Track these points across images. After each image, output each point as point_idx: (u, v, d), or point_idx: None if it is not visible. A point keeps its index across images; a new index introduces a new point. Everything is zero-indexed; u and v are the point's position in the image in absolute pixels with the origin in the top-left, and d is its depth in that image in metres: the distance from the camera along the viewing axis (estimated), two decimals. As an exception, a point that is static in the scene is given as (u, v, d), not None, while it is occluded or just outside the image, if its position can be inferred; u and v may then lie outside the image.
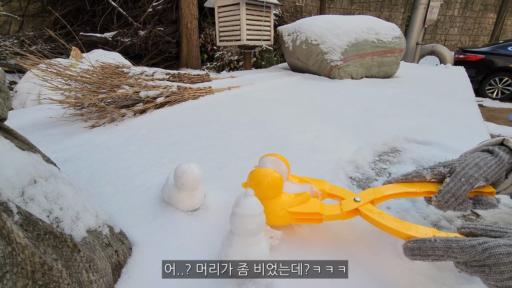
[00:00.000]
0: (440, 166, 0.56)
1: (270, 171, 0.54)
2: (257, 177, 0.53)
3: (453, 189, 0.51)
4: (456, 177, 0.52)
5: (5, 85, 0.49)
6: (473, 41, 12.01)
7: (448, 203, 0.51)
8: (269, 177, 0.53)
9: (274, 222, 0.54)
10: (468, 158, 0.55)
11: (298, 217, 0.54)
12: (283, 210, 0.53)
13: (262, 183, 0.52)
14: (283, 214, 0.53)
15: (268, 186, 0.52)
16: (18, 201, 0.37)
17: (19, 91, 2.43)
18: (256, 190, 0.51)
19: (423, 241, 0.42)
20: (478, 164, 0.52)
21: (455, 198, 0.51)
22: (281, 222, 0.54)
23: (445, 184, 0.52)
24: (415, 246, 0.42)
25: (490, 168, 0.52)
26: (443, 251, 0.40)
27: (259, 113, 1.38)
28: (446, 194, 0.51)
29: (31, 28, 6.01)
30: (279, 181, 0.53)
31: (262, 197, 0.52)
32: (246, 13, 3.22)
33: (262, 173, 0.53)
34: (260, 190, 0.52)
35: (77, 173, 0.82)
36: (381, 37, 2.46)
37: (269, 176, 0.53)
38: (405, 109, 1.47)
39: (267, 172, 0.53)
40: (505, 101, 5.50)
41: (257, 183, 0.53)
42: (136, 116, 1.30)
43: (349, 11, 10.31)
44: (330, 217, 0.53)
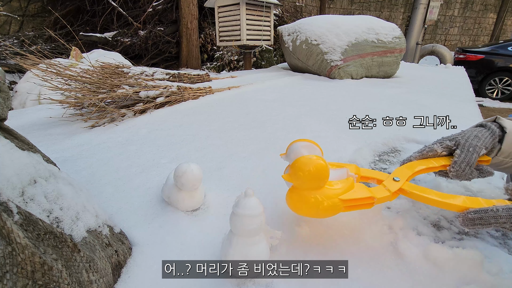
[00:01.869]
0: (446, 140, 0.63)
1: (318, 159, 0.48)
2: (307, 166, 0.46)
3: (466, 158, 0.57)
4: (464, 148, 0.59)
5: (5, 85, 0.49)
6: (473, 41, 12.01)
7: (465, 171, 0.58)
8: (319, 166, 0.47)
9: (326, 213, 0.49)
10: (468, 132, 0.62)
11: (350, 204, 0.49)
12: (335, 199, 0.48)
13: (314, 172, 0.46)
14: (335, 203, 0.48)
15: (320, 175, 0.47)
16: (18, 201, 0.37)
17: (19, 91, 2.43)
18: (304, 181, 0.46)
19: (484, 210, 0.45)
20: (477, 136, 0.60)
21: (469, 166, 0.57)
22: (333, 212, 0.49)
23: (457, 155, 0.59)
24: (476, 216, 0.46)
25: (487, 138, 0.60)
26: (506, 219, 0.44)
27: (259, 113, 1.37)
28: (462, 163, 0.57)
29: (31, 28, 6.01)
30: (327, 169, 0.48)
31: (311, 187, 0.47)
32: (246, 13, 3.22)
33: (312, 162, 0.47)
34: (311, 180, 0.47)
35: (77, 173, 0.82)
36: (381, 37, 2.46)
37: (319, 164, 0.47)
38: (405, 109, 1.47)
39: (312, 161, 0.47)
40: (505, 101, 5.50)
41: (308, 173, 0.46)
42: (136, 116, 1.29)
43: (349, 11, 10.31)
44: (380, 199, 0.51)
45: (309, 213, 0.50)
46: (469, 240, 0.57)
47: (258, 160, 0.90)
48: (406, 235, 0.55)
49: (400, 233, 0.56)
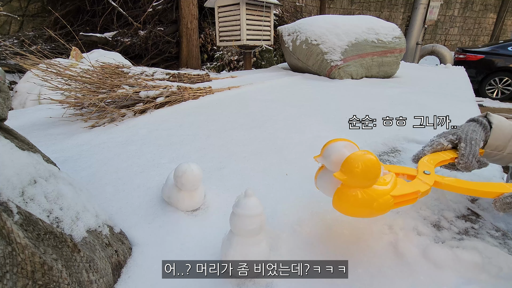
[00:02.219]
0: (449, 134, 0.68)
1: (370, 154, 0.46)
2: (355, 163, 0.44)
3: (472, 151, 0.62)
4: (467, 141, 0.63)
5: (5, 85, 0.49)
6: (473, 41, 12.01)
7: (472, 163, 0.62)
8: (374, 161, 0.45)
9: (378, 211, 0.47)
10: (465, 127, 0.67)
11: (400, 200, 0.49)
12: (387, 196, 0.46)
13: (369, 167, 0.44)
14: (387, 200, 0.46)
15: (375, 171, 0.45)
16: (18, 201, 0.37)
17: (19, 91, 2.43)
18: (359, 178, 0.44)
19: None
20: (474, 130, 0.65)
21: (474, 157, 0.62)
22: (386, 209, 0.47)
23: (463, 148, 0.63)
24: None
25: (481, 132, 0.65)
26: None
27: (259, 113, 1.37)
28: (469, 155, 0.62)
29: (31, 28, 6.01)
30: (379, 165, 0.45)
31: (365, 185, 0.45)
32: (246, 13, 3.22)
33: (366, 158, 0.45)
34: (366, 176, 0.45)
35: (77, 173, 0.82)
36: (381, 37, 2.46)
37: (373, 159, 0.45)
38: (405, 109, 1.47)
39: (365, 157, 0.45)
40: (505, 101, 5.50)
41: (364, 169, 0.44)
42: (136, 116, 1.29)
43: (349, 11, 10.30)
44: (423, 193, 0.52)
45: (361, 212, 0.47)
46: (469, 240, 0.57)
47: (258, 160, 0.90)
48: (406, 235, 0.55)
49: (400, 233, 0.56)
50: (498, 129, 0.65)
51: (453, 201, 0.70)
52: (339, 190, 0.47)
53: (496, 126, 0.65)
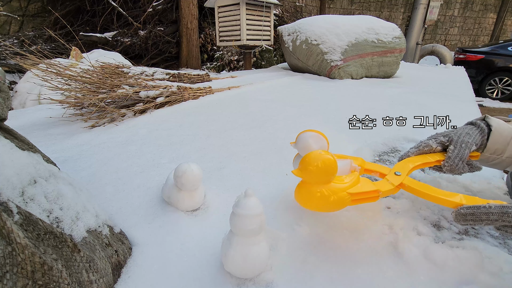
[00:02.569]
0: (440, 136, 0.67)
1: (326, 154, 0.48)
2: (316, 161, 0.47)
3: (459, 153, 0.61)
4: (457, 144, 0.62)
5: (5, 85, 0.49)
6: (473, 41, 12.00)
7: (458, 166, 0.61)
8: (328, 161, 0.47)
9: (334, 207, 0.49)
10: (460, 129, 0.67)
11: (358, 198, 0.50)
12: (343, 193, 0.49)
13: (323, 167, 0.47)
14: (343, 197, 0.49)
15: (329, 170, 0.47)
16: (18, 201, 0.37)
17: (19, 91, 2.43)
18: (313, 176, 0.47)
19: (477, 207, 0.46)
20: (468, 133, 0.64)
21: (461, 161, 0.61)
22: (341, 205, 0.49)
23: (450, 151, 0.62)
24: (468, 212, 0.47)
25: (476, 135, 0.64)
26: (498, 216, 0.44)
27: (259, 113, 1.37)
28: (455, 158, 0.61)
29: (31, 28, 6.01)
30: (336, 163, 0.48)
31: (320, 182, 0.48)
32: (246, 13, 3.22)
33: (321, 157, 0.47)
34: (320, 175, 0.47)
35: (77, 173, 0.82)
36: (381, 37, 2.46)
37: (327, 159, 0.47)
38: (405, 109, 1.47)
39: (321, 156, 0.48)
40: (505, 101, 5.50)
41: (318, 168, 0.47)
42: (136, 116, 1.29)
43: (349, 11, 10.30)
44: (385, 192, 0.53)
45: (317, 207, 0.50)
46: (469, 240, 0.57)
47: (258, 160, 0.90)
48: (406, 235, 0.55)
49: (400, 233, 0.56)
50: (497, 132, 0.64)
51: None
52: (299, 186, 0.52)
53: (495, 129, 0.64)
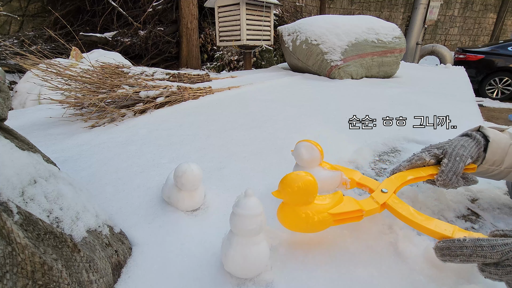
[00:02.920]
0: (434, 148, 0.64)
1: (306, 175, 0.48)
2: (295, 182, 0.47)
3: (453, 167, 0.59)
4: (451, 157, 0.60)
5: (5, 85, 0.49)
6: (473, 41, 12.01)
7: (452, 180, 0.59)
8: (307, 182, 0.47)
9: (315, 228, 0.49)
10: (454, 141, 0.64)
11: (340, 218, 0.50)
12: (324, 213, 0.48)
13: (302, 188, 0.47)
14: (325, 218, 0.48)
15: (308, 191, 0.47)
16: (18, 201, 0.37)
17: (19, 91, 2.43)
18: (293, 197, 0.48)
19: (452, 240, 0.42)
20: (464, 145, 0.61)
21: (455, 175, 0.58)
22: (323, 226, 0.49)
23: (444, 164, 0.60)
24: (444, 245, 0.43)
25: (472, 148, 0.61)
26: (472, 250, 0.39)
27: (259, 113, 1.37)
28: (449, 173, 0.58)
29: (31, 28, 6.01)
30: (314, 184, 0.48)
31: (300, 203, 0.48)
32: (246, 13, 3.22)
33: (301, 178, 0.48)
34: (300, 196, 0.48)
35: (77, 173, 0.82)
36: (381, 37, 2.46)
37: (303, 180, 0.47)
38: (405, 109, 1.47)
39: (300, 177, 0.48)
40: (505, 101, 5.50)
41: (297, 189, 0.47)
42: (136, 116, 1.29)
43: (349, 11, 10.30)
44: (368, 212, 0.51)
45: (299, 228, 0.50)
46: (469, 240, 0.56)
47: (258, 160, 0.90)
48: (406, 235, 0.55)
49: (400, 233, 0.56)
50: (495, 143, 0.61)
51: (453, 201, 0.70)
52: (280, 207, 0.52)
53: (493, 140, 0.61)
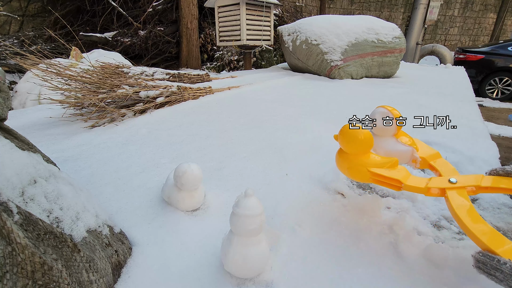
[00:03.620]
0: None
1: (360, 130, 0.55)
2: (345, 133, 0.56)
3: None
4: None
5: (5, 85, 0.49)
6: (473, 41, 12.01)
7: None
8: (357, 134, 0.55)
9: (354, 177, 0.57)
10: None
11: (378, 179, 0.54)
12: (364, 168, 0.54)
13: (350, 138, 0.55)
14: (364, 172, 0.54)
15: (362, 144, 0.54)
16: (18, 201, 0.37)
17: (19, 91, 2.43)
18: (345, 145, 0.56)
19: (491, 258, 0.40)
20: None
21: None
22: (361, 178, 0.56)
23: None
24: (481, 259, 0.41)
25: None
26: (505, 276, 0.38)
27: (259, 113, 1.37)
28: None
29: (31, 28, 6.01)
30: (367, 139, 0.55)
31: (354, 152, 0.56)
32: (246, 13, 3.22)
33: (350, 131, 0.56)
34: (349, 145, 0.56)
35: (77, 173, 0.82)
36: (381, 37, 2.46)
37: (357, 133, 0.55)
38: (405, 109, 1.47)
39: (355, 130, 0.55)
40: (505, 101, 5.49)
41: (345, 138, 0.56)
42: (136, 116, 1.29)
43: (349, 11, 10.30)
44: (411, 188, 0.52)
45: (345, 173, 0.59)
46: (469, 240, 0.56)
47: (258, 160, 0.90)
48: (406, 235, 0.55)
49: (400, 233, 0.56)
50: None
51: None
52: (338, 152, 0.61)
53: None
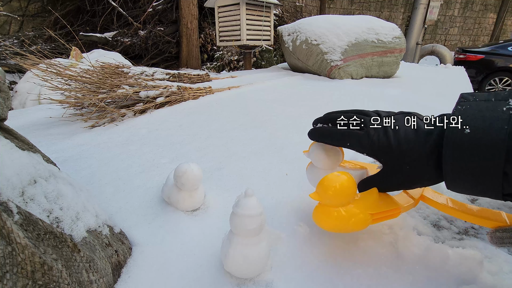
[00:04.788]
0: None
1: (344, 175, 0.47)
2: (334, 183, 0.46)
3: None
4: None
5: (5, 85, 0.49)
6: (473, 41, 12.01)
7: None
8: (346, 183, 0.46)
9: (355, 228, 0.47)
10: None
11: (379, 217, 0.48)
12: (365, 213, 0.47)
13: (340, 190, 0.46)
14: (365, 217, 0.47)
15: (348, 192, 0.46)
16: (18, 201, 0.37)
17: (19, 91, 2.44)
18: (332, 199, 0.47)
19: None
20: None
21: None
22: (363, 226, 0.47)
23: None
24: (505, 235, 0.40)
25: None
26: None
27: (259, 113, 1.37)
28: None
29: (31, 28, 6.01)
30: (354, 185, 0.47)
31: (339, 204, 0.47)
32: (246, 13, 3.22)
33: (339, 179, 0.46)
34: (339, 198, 0.47)
35: (77, 173, 0.82)
36: (381, 37, 2.46)
37: (345, 181, 0.46)
38: (405, 109, 1.47)
39: (342, 178, 0.47)
40: (505, 101, 5.49)
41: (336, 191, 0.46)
42: (136, 116, 1.29)
43: (349, 11, 10.31)
44: (405, 208, 0.50)
45: (339, 228, 0.49)
46: (469, 240, 0.57)
47: (258, 160, 0.90)
48: (406, 235, 0.55)
49: (400, 233, 0.56)
50: None
51: (453, 201, 0.70)
52: (317, 208, 0.50)
53: None
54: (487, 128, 0.33)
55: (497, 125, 0.33)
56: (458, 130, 0.36)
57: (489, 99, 0.37)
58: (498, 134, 0.32)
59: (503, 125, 0.32)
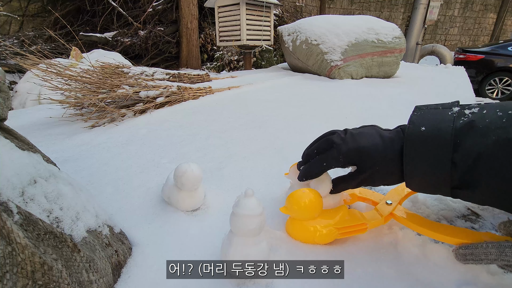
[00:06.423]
0: None
1: (310, 192, 0.52)
2: (302, 199, 0.52)
3: None
4: None
5: (5, 85, 0.49)
6: (473, 41, 12.02)
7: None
8: (312, 199, 0.52)
9: (322, 240, 0.53)
10: None
11: (345, 231, 0.53)
12: (329, 227, 0.52)
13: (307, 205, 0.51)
14: (331, 232, 0.52)
15: (314, 208, 0.52)
16: (18, 201, 0.37)
17: (19, 91, 2.44)
18: (299, 214, 0.52)
19: (475, 246, 0.44)
20: None
21: None
22: (329, 239, 0.53)
23: None
24: (467, 252, 0.45)
25: None
26: (496, 256, 0.42)
27: (259, 113, 1.37)
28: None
29: (31, 28, 6.01)
30: (321, 201, 0.53)
31: (307, 218, 0.52)
32: (246, 13, 3.22)
33: (306, 196, 0.52)
34: (306, 213, 0.52)
35: (77, 173, 0.82)
36: (381, 37, 2.46)
37: (312, 197, 0.52)
38: (405, 109, 1.47)
39: (309, 195, 0.52)
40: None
41: (303, 206, 0.51)
42: (136, 116, 1.29)
43: (349, 11, 10.31)
44: (373, 224, 0.54)
45: (307, 240, 0.54)
46: (469, 240, 0.56)
47: (258, 160, 0.90)
48: (406, 235, 0.55)
49: (400, 233, 0.56)
50: None
51: (453, 201, 0.70)
52: (288, 220, 0.57)
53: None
54: (438, 126, 0.43)
55: (445, 124, 0.42)
56: (416, 128, 0.45)
57: (437, 107, 0.47)
58: (447, 130, 0.42)
59: (449, 124, 0.42)
